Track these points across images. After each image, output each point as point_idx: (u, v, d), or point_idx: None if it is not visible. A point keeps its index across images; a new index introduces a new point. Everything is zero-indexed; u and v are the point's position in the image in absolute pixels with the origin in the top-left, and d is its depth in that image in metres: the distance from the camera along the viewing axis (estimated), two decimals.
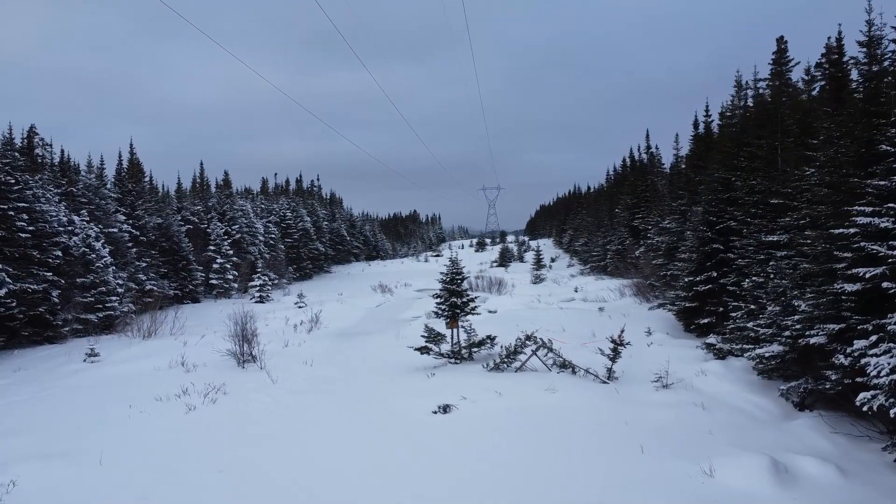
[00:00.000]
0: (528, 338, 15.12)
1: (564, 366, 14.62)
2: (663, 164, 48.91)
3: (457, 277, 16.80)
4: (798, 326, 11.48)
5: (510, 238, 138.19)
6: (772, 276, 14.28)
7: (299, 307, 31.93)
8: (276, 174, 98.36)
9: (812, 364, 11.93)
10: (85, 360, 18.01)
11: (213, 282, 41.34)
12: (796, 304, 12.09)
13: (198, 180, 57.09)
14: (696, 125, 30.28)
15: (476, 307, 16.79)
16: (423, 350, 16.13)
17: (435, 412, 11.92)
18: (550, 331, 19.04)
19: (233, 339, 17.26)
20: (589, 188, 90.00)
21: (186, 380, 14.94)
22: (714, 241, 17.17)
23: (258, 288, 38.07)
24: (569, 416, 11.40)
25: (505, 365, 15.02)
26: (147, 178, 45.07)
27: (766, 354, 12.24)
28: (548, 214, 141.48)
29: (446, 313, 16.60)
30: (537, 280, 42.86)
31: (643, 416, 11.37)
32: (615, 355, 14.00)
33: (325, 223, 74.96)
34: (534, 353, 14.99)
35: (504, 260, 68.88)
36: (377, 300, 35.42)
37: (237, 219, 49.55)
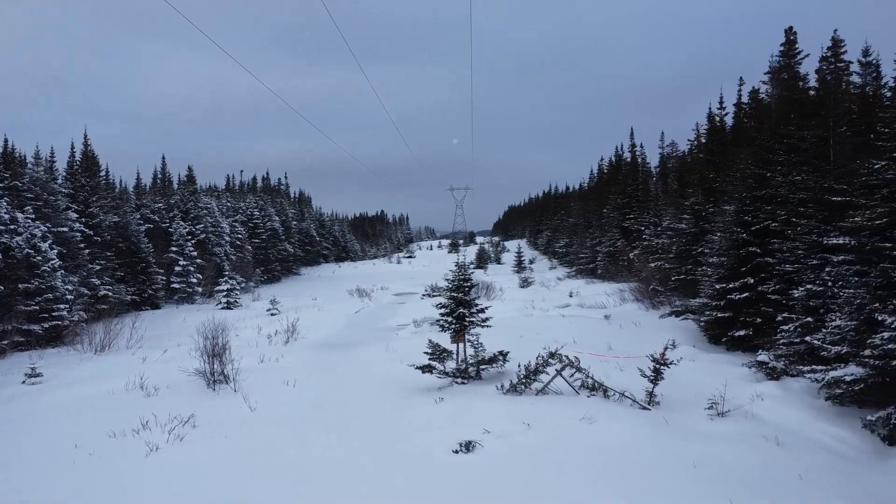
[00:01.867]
0: (551, 355, 13.04)
1: (594, 388, 12.63)
2: (648, 163, 47.70)
3: (464, 284, 14.67)
4: (892, 346, 9.65)
5: (480, 239, 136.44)
6: (831, 283, 12.49)
7: (272, 314, 29.39)
8: (241, 171, 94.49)
9: None
10: (24, 382, 15.32)
11: (175, 286, 38.36)
12: (880, 318, 10.28)
13: (159, 176, 53.74)
14: (710, 118, 28.64)
15: (487, 318, 14.67)
16: (426, 368, 13.97)
17: (456, 451, 9.76)
18: (559, 342, 17.03)
19: (201, 356, 14.82)
20: (568, 188, 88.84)
21: (147, 407, 12.47)
22: (750, 243, 15.36)
23: (225, 293, 35.27)
24: (622, 455, 9.36)
25: (523, 386, 12.95)
26: (103, 173, 41.80)
27: (847, 378, 10.39)
28: (519, 215, 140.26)
29: (453, 326, 14.44)
30: (525, 284, 40.82)
31: (709, 454, 9.40)
32: (656, 377, 12.08)
33: (294, 223, 72.06)
34: (558, 373, 12.95)
35: (481, 262, 66.90)
36: (356, 306, 33.02)
37: (202, 218, 46.52)
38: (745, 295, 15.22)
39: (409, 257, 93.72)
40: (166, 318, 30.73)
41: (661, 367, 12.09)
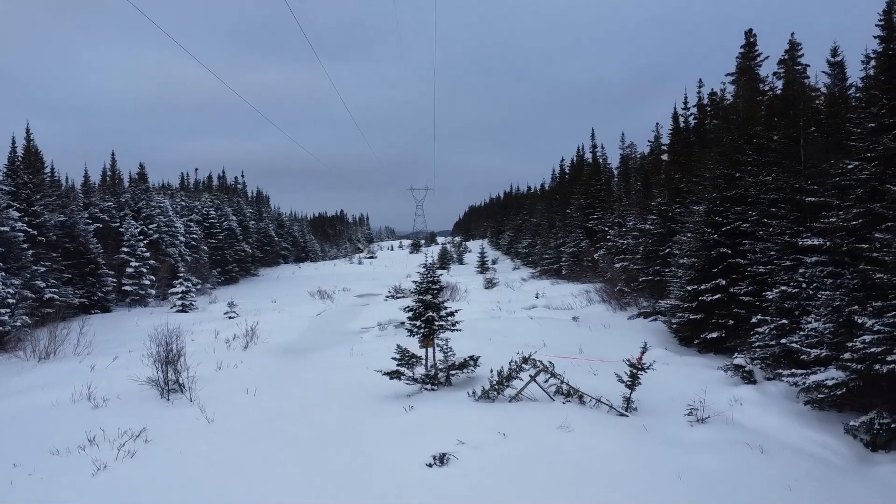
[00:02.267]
0: (524, 360, 12.61)
1: (570, 394, 12.23)
2: (610, 164, 48.02)
3: (433, 287, 14.14)
4: (874, 349, 9.49)
5: (441, 239, 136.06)
6: (805, 285, 12.37)
7: (230, 318, 28.30)
8: (196, 169, 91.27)
9: (880, 394, 10.00)
10: None
11: (127, 288, 36.80)
12: (860, 320, 10.13)
13: (108, 174, 51.61)
14: (675, 118, 28.68)
15: (457, 321, 14.18)
16: (394, 375, 13.42)
17: (430, 464, 9.23)
18: (530, 345, 16.65)
19: (154, 363, 13.94)
20: (530, 188, 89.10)
21: (94, 421, 11.57)
22: (721, 244, 15.23)
23: (180, 295, 33.91)
24: (604, 466, 8.96)
25: (495, 393, 12.48)
26: (48, 170, 39.81)
27: (829, 382, 10.21)
28: (480, 215, 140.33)
29: (422, 330, 13.89)
30: (490, 285, 40.43)
31: (693, 463, 9.08)
32: (634, 382, 11.74)
33: (252, 223, 70.36)
34: (532, 378, 12.52)
35: (444, 262, 66.42)
36: (318, 308, 32.13)
37: (154, 217, 44.84)
38: (716, 296, 15.08)
39: (371, 258, 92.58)
40: (117, 322, 29.36)
41: (639, 372, 11.77)
